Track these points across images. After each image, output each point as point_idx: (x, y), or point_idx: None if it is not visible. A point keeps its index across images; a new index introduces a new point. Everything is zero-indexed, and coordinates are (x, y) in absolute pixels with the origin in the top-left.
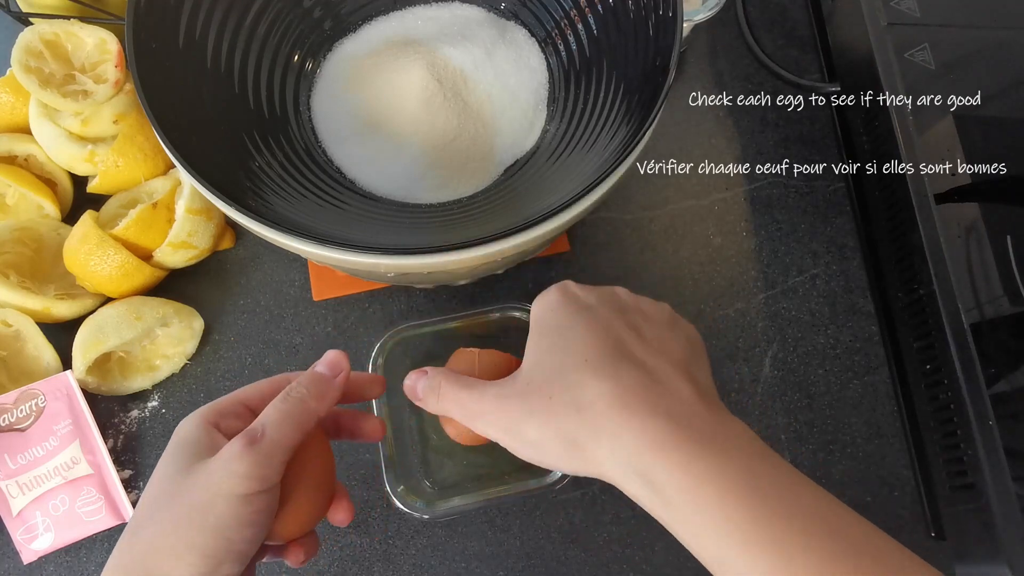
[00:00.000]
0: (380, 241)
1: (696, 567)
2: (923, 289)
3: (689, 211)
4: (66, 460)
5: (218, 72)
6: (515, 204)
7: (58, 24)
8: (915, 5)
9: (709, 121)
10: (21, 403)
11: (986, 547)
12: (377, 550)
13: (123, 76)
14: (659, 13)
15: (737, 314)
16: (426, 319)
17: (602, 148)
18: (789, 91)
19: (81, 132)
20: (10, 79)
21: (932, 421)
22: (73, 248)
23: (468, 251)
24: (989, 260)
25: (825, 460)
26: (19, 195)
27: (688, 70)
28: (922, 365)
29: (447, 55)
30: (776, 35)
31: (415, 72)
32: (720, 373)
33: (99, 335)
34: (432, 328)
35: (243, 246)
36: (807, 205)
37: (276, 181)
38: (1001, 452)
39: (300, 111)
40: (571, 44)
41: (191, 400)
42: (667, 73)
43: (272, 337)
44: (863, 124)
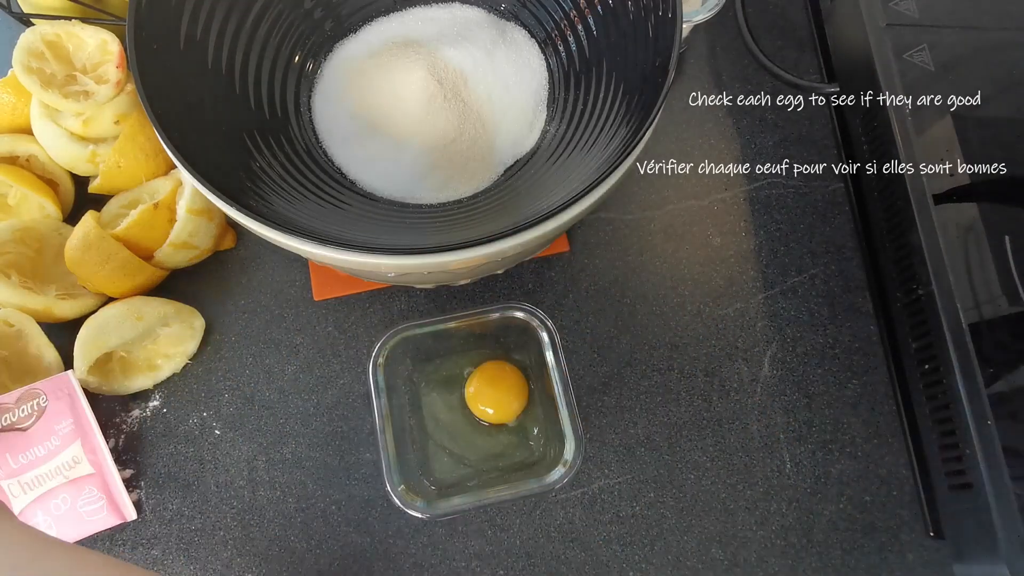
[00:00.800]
0: (380, 241)
1: (694, 567)
2: (922, 289)
3: (689, 211)
4: (67, 460)
5: (219, 72)
6: (515, 204)
7: (59, 25)
8: (914, 6)
9: (709, 121)
10: (23, 403)
11: (984, 546)
12: (378, 549)
13: (124, 77)
14: (659, 14)
15: (736, 314)
16: (426, 319)
17: (602, 148)
18: (788, 92)
19: (82, 133)
20: (11, 80)
21: (930, 421)
22: (74, 248)
23: (468, 251)
24: (987, 260)
25: (824, 460)
26: (21, 195)
27: (688, 71)
28: (921, 365)
29: (447, 56)
30: (775, 36)
31: (415, 73)
32: (719, 373)
33: (100, 335)
34: (432, 328)
35: (244, 246)
36: (806, 205)
37: (277, 181)
38: (999, 452)
39: (301, 112)
40: (571, 45)
41: (192, 399)
42: (667, 74)
43: (273, 337)
44: (862, 124)
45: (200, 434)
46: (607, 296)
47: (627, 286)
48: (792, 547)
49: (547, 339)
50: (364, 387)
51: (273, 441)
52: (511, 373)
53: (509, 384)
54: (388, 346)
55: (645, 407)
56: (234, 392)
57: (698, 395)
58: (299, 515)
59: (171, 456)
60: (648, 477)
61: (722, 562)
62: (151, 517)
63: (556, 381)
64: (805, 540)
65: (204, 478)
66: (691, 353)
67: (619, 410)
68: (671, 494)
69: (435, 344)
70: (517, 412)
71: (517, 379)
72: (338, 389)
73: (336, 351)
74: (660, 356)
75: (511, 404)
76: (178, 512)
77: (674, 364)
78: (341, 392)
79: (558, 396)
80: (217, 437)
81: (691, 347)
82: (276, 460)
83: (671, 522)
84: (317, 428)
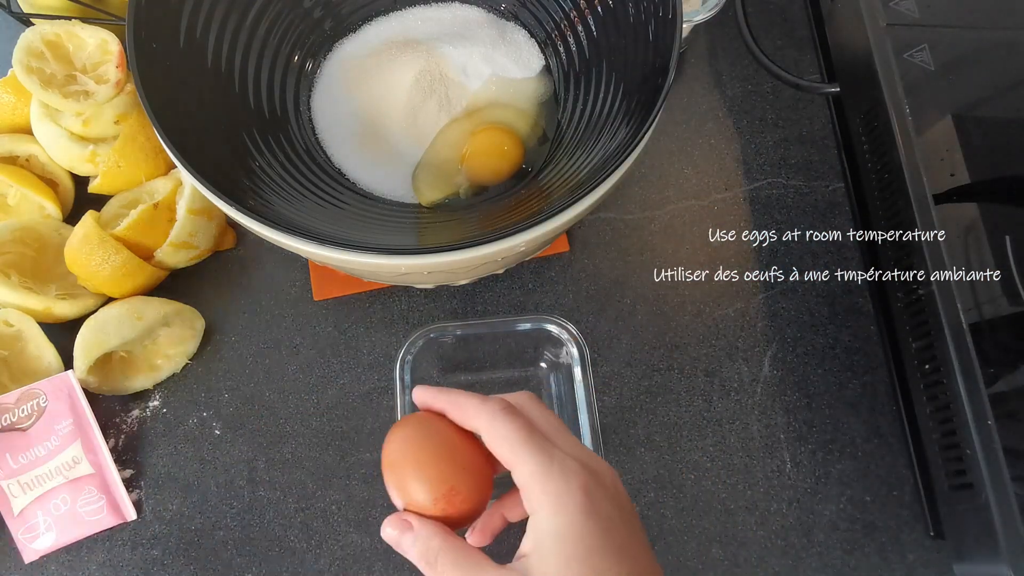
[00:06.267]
0: (380, 241)
1: (694, 567)
2: (922, 289)
3: (689, 211)
4: (67, 460)
5: (219, 72)
6: (515, 204)
7: (59, 25)
8: (914, 6)
9: (709, 121)
10: (23, 403)
11: (985, 546)
12: (378, 549)
13: (124, 76)
14: (659, 15)
15: (737, 314)
16: (456, 321)
17: (602, 149)
18: (788, 92)
19: (82, 132)
20: (11, 80)
21: (931, 421)
22: (74, 248)
23: (468, 251)
24: (988, 260)
25: (824, 460)
26: (21, 195)
27: (688, 71)
28: (921, 365)
29: (447, 55)
30: (775, 36)
31: (415, 72)
32: (720, 372)
33: (100, 335)
34: (461, 332)
35: (244, 246)
36: (806, 205)
37: (276, 181)
38: (1000, 452)
39: (300, 111)
40: (571, 45)
41: (192, 400)
42: (667, 74)
43: (273, 337)
44: (862, 124)
45: (200, 434)
46: (607, 296)
47: (627, 286)
48: (792, 547)
49: (577, 354)
50: (364, 387)
51: (273, 441)
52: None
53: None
54: (418, 344)
55: (645, 407)
56: (234, 392)
57: (698, 395)
58: (299, 515)
59: (171, 456)
60: (648, 477)
61: (722, 562)
62: (151, 517)
63: (581, 399)
64: (805, 540)
65: (204, 478)
66: (691, 353)
67: (619, 410)
68: (671, 494)
69: (462, 351)
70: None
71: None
72: (338, 389)
73: (336, 351)
74: (660, 356)
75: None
76: (178, 512)
77: (674, 364)
78: (341, 392)
79: (580, 412)
80: (217, 437)
81: (691, 347)
82: (276, 460)
83: (671, 522)
84: (317, 428)
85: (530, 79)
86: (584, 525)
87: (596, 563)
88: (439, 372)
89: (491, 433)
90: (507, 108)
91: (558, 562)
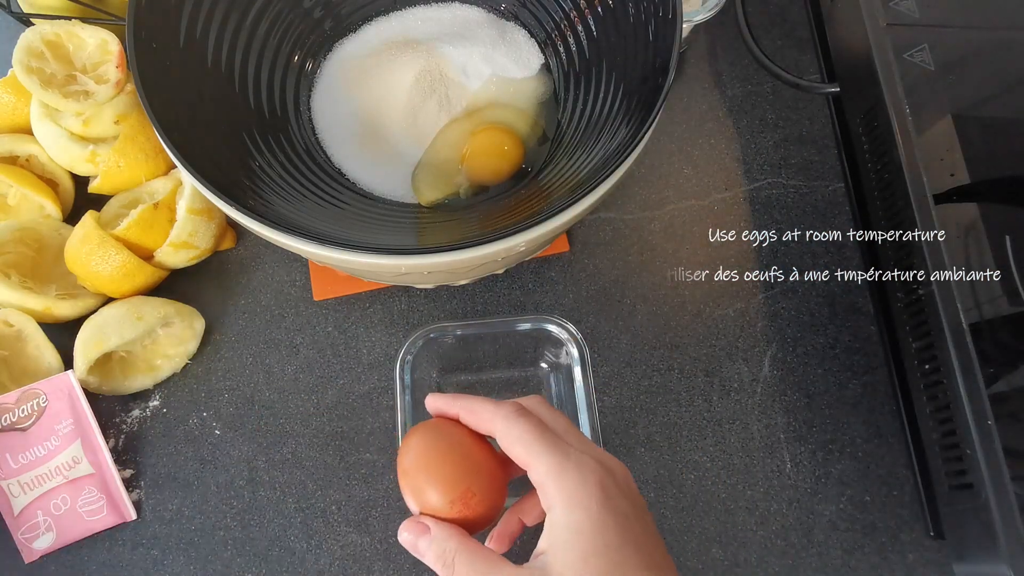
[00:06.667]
0: (380, 241)
1: (694, 567)
2: (922, 289)
3: (689, 211)
4: (67, 460)
5: (219, 72)
6: (515, 204)
7: (59, 25)
8: (914, 6)
9: (709, 121)
10: (23, 403)
11: (985, 546)
12: (378, 549)
13: (124, 76)
14: (659, 15)
15: (737, 314)
16: (456, 321)
17: (602, 148)
18: (788, 92)
19: (82, 132)
20: (11, 80)
21: (931, 421)
22: (74, 248)
23: (468, 251)
24: (988, 260)
25: (824, 460)
26: (20, 195)
27: (688, 71)
28: (921, 365)
29: (447, 55)
30: (775, 36)
31: (415, 72)
32: (720, 373)
33: (100, 335)
34: (461, 332)
35: (244, 246)
36: (806, 205)
37: (276, 181)
38: (1000, 452)
39: (300, 111)
40: (571, 45)
41: (192, 399)
42: (667, 74)
43: (273, 337)
44: (862, 124)
45: (200, 434)
46: (607, 296)
47: (627, 286)
48: (792, 547)
49: (577, 354)
50: (364, 387)
51: (273, 441)
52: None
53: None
54: (418, 344)
55: (645, 407)
56: (234, 392)
57: (698, 395)
58: (299, 515)
59: (171, 456)
60: (648, 477)
61: (722, 562)
62: (151, 517)
63: (581, 399)
64: (805, 540)
65: (204, 478)
66: (691, 353)
67: (619, 410)
68: (671, 494)
69: (462, 351)
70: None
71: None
72: (338, 389)
73: (336, 351)
74: (660, 356)
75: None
76: (178, 512)
77: (674, 364)
78: (341, 392)
79: (580, 412)
80: (217, 437)
81: (691, 347)
82: (276, 460)
83: (671, 522)
84: (317, 428)
85: (530, 79)
86: (601, 520)
87: (613, 557)
88: (439, 372)
89: (506, 435)
90: (507, 108)
91: (576, 556)
